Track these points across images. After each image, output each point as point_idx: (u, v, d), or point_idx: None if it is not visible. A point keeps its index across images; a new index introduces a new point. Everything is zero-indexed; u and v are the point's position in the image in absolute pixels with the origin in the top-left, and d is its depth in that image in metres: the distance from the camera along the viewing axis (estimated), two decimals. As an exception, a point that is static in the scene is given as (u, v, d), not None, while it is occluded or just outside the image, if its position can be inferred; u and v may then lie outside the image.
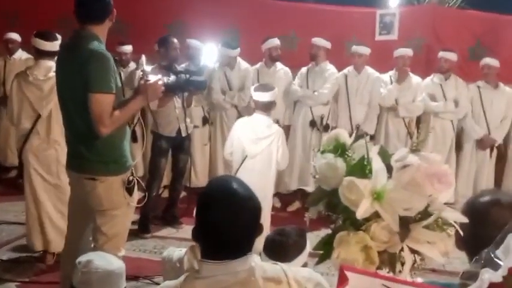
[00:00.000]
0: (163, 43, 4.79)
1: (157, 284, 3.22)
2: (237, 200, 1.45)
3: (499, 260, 1.14)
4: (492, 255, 1.33)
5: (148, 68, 3.00)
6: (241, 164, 4.00)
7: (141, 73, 2.91)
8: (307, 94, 5.47)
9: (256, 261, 1.46)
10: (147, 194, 3.45)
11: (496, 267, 1.17)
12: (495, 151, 5.50)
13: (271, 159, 4.05)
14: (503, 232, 1.26)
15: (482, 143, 5.41)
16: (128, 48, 5.84)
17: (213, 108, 5.73)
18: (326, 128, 5.48)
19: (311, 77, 5.54)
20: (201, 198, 1.51)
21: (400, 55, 5.44)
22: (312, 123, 5.51)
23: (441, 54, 5.49)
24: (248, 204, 1.46)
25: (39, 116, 3.87)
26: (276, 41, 5.61)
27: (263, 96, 4.03)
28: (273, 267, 1.49)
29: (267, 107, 4.06)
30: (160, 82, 2.82)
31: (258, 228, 1.49)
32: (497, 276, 1.12)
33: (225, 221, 1.43)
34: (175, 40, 4.82)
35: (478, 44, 5.94)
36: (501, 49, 5.67)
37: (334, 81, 5.50)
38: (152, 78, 2.81)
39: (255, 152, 3.97)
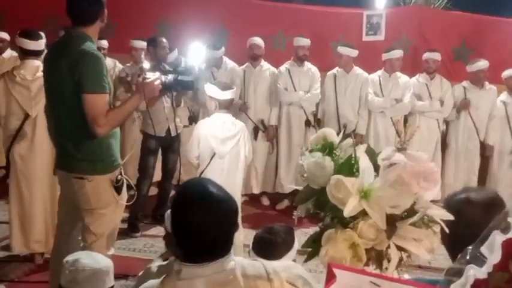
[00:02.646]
0: (152, 43, 4.79)
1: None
2: (214, 202, 1.44)
3: (484, 256, 1.17)
4: (477, 252, 1.36)
5: (146, 65, 2.99)
6: (209, 163, 3.96)
7: (139, 71, 2.90)
8: (301, 97, 5.50)
9: (236, 260, 1.47)
10: (136, 193, 3.44)
11: (481, 263, 1.19)
12: (480, 149, 5.58)
13: (238, 158, 4.03)
14: (487, 229, 1.28)
15: (485, 152, 5.50)
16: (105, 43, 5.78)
17: (201, 108, 5.73)
18: (319, 123, 5.52)
19: (295, 77, 5.56)
20: (177, 201, 1.49)
21: (391, 57, 5.47)
22: (307, 123, 5.55)
23: (427, 55, 5.56)
24: (225, 206, 1.46)
25: (26, 117, 3.84)
26: (257, 40, 5.62)
27: (224, 95, 4.01)
28: (253, 264, 1.50)
29: (227, 105, 4.05)
30: (157, 81, 2.81)
31: (236, 229, 1.49)
32: (482, 273, 1.14)
33: (202, 223, 1.42)
34: (164, 39, 4.83)
35: (464, 44, 6.02)
36: (486, 50, 5.75)
37: (319, 79, 5.57)
38: (150, 76, 2.80)
39: (224, 151, 3.94)
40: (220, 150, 3.90)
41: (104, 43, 5.75)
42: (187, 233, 1.45)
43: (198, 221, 1.42)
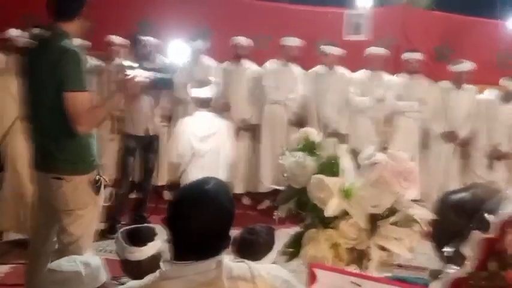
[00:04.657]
0: (133, 41, 4.73)
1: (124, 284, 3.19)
2: (206, 201, 1.45)
3: (465, 256, 1.18)
4: (458, 252, 1.36)
5: (127, 63, 2.95)
6: (189, 162, 3.93)
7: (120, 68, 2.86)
8: (287, 97, 5.50)
9: (224, 261, 1.46)
10: (114, 193, 3.40)
11: (461, 263, 1.20)
12: (459, 149, 5.65)
13: (220, 156, 4.01)
14: (468, 229, 1.29)
15: (446, 138, 5.56)
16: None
17: (177, 104, 5.68)
18: (302, 123, 5.54)
19: (280, 76, 5.56)
20: (173, 198, 1.53)
21: (372, 54, 5.52)
22: (290, 122, 5.55)
23: (409, 55, 5.60)
24: (217, 206, 1.46)
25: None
26: (241, 39, 5.60)
27: (202, 93, 3.99)
28: (239, 266, 1.50)
29: (207, 103, 4.02)
30: (139, 79, 2.78)
31: (228, 231, 1.49)
32: (461, 272, 1.15)
33: (192, 221, 1.42)
34: (144, 38, 4.77)
35: (446, 44, 6.08)
36: (467, 50, 5.82)
37: (303, 79, 5.59)
38: (131, 74, 2.76)
39: (204, 149, 3.91)
40: (200, 149, 3.88)
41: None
42: (175, 230, 1.46)
43: (184, 218, 1.44)
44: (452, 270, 1.20)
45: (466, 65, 5.43)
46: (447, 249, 1.20)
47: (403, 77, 5.65)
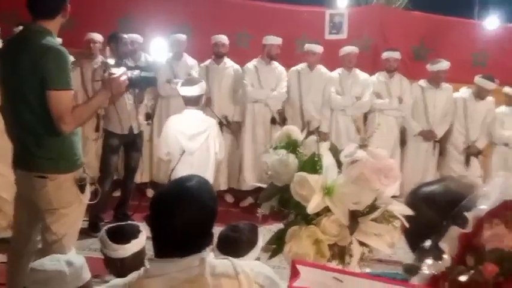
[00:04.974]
0: (113, 39, 4.69)
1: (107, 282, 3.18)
2: (189, 198, 1.46)
3: (442, 251, 1.21)
4: (436, 247, 1.40)
5: (111, 61, 2.93)
6: (179, 160, 3.94)
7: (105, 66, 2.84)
8: (268, 95, 5.51)
9: (207, 258, 1.47)
10: (98, 191, 3.38)
11: (439, 258, 1.23)
12: (437, 146, 5.75)
13: (209, 154, 4.02)
14: (445, 225, 1.32)
15: (424, 136, 5.66)
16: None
17: (158, 102, 5.66)
18: (285, 121, 5.56)
19: (262, 74, 5.57)
20: (155, 196, 1.53)
21: (346, 53, 5.59)
22: (273, 121, 5.57)
23: (388, 54, 5.68)
24: (199, 203, 1.47)
25: None
26: (222, 37, 5.59)
27: (191, 91, 3.98)
28: (223, 263, 1.51)
29: (196, 101, 4.02)
30: (124, 77, 2.75)
31: (211, 228, 1.50)
32: (440, 267, 1.18)
33: (173, 218, 1.43)
34: (125, 35, 4.74)
35: (422, 44, 6.18)
36: (444, 49, 5.92)
37: (286, 78, 5.60)
38: (116, 72, 2.74)
39: (193, 148, 3.91)
40: (189, 147, 3.88)
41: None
42: (157, 226, 1.47)
43: (166, 214, 1.45)
44: (431, 265, 1.23)
45: (444, 64, 5.53)
46: (426, 244, 1.23)
47: (382, 75, 5.73)
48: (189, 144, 3.88)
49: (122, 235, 2.45)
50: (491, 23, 6.22)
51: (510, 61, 5.96)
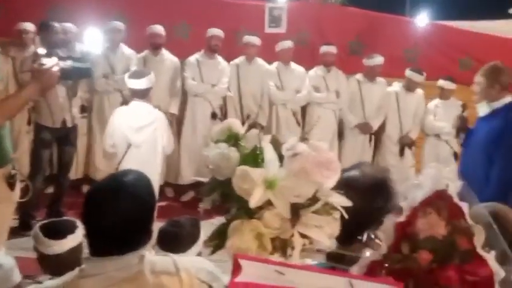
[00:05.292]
0: (43, 27, 4.47)
1: (40, 283, 3.05)
2: (124, 193, 1.41)
3: (379, 240, 1.25)
4: (372, 236, 1.44)
5: (42, 51, 2.77)
6: (125, 154, 3.85)
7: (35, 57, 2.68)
8: (208, 90, 5.46)
9: (147, 256, 1.43)
10: (29, 188, 3.21)
11: (376, 246, 1.27)
12: (373, 138, 5.96)
13: (156, 147, 3.96)
14: (382, 214, 1.37)
15: (360, 129, 5.84)
16: None
17: (95, 94, 5.47)
18: (225, 116, 5.55)
19: (204, 68, 5.52)
20: (89, 190, 1.47)
21: (283, 48, 5.64)
22: (214, 115, 5.53)
23: (325, 48, 5.80)
24: (135, 198, 1.43)
25: None
26: (157, 27, 5.47)
27: (138, 84, 3.91)
28: (163, 260, 1.48)
29: (143, 94, 3.96)
30: (56, 68, 2.61)
31: (149, 224, 1.46)
32: (377, 255, 1.22)
33: (108, 214, 1.38)
34: (56, 24, 4.53)
35: (358, 39, 6.36)
36: (378, 45, 6.13)
37: (229, 73, 5.58)
38: (47, 62, 2.59)
39: (139, 140, 3.84)
40: (135, 140, 3.79)
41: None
42: (90, 223, 1.42)
43: (99, 210, 1.39)
44: (369, 253, 1.27)
45: (378, 59, 5.73)
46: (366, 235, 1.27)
47: (320, 70, 5.85)
48: (135, 137, 3.80)
49: (57, 231, 2.33)
50: (422, 20, 6.51)
51: (439, 57, 6.27)
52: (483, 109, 3.58)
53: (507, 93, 3.55)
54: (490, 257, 1.11)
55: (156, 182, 4.02)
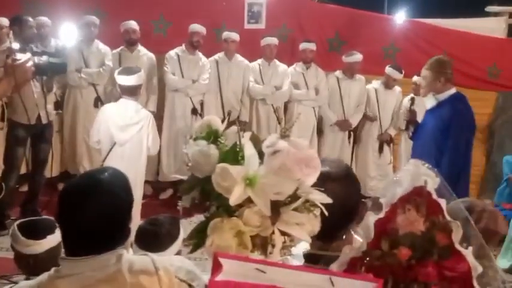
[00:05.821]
0: (16, 22, 4.37)
1: (16, 283, 2.99)
2: (99, 191, 1.38)
3: (359, 236, 1.25)
4: (353, 232, 1.44)
5: (16, 46, 2.69)
6: (109, 151, 3.82)
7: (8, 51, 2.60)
8: (188, 85, 5.41)
9: (125, 255, 1.41)
10: (2, 187, 3.14)
11: (356, 243, 1.27)
12: (352, 135, 6.00)
13: (141, 146, 3.92)
14: (362, 211, 1.37)
15: (340, 126, 5.88)
16: None
17: (67, 89, 5.38)
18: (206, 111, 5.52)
19: (184, 64, 5.47)
20: (64, 188, 1.43)
21: (267, 43, 5.65)
22: (194, 111, 5.48)
23: (304, 45, 5.81)
24: (111, 196, 1.40)
25: None
26: (132, 23, 5.41)
27: (128, 80, 3.86)
28: (142, 259, 1.45)
29: (133, 91, 3.91)
30: (30, 63, 2.54)
31: (126, 222, 1.43)
32: (357, 252, 1.22)
33: (83, 212, 1.35)
34: (30, 19, 4.43)
35: (337, 36, 6.38)
36: (357, 42, 6.16)
37: (210, 70, 5.54)
38: (21, 57, 2.52)
39: (124, 139, 3.81)
40: (120, 138, 3.74)
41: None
42: (64, 222, 1.38)
43: (74, 209, 1.36)
44: (349, 250, 1.27)
45: (357, 57, 5.77)
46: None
47: (299, 66, 5.86)
48: (120, 135, 3.75)
49: (36, 230, 2.27)
50: (400, 17, 6.57)
51: (416, 55, 6.34)
52: (430, 102, 3.69)
53: (451, 85, 3.67)
54: (468, 253, 1.12)
55: (140, 181, 3.98)
